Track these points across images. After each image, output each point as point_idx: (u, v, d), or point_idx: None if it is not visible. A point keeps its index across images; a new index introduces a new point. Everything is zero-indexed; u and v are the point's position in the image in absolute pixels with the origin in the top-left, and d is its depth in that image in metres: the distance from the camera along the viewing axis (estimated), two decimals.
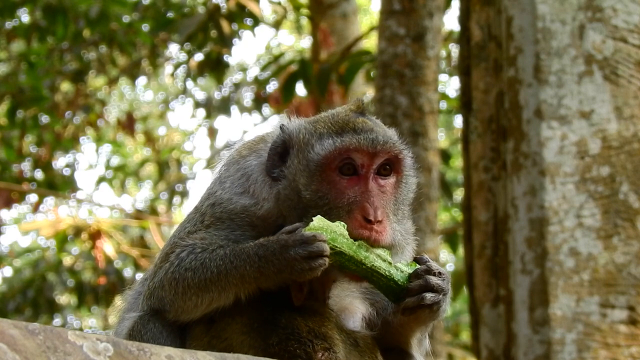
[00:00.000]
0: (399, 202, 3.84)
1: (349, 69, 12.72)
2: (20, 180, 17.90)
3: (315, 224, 3.62)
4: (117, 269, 17.62)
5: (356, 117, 3.86)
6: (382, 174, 3.80)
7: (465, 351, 14.24)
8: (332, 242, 3.60)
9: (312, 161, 3.78)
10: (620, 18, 6.88)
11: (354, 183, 3.76)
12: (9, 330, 2.95)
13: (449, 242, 15.24)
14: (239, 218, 3.85)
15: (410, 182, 3.90)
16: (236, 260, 3.66)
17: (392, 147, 3.80)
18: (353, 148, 3.75)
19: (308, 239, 3.58)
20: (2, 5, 15.63)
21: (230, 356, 3.41)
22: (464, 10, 7.64)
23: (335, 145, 3.76)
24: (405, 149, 3.87)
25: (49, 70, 16.85)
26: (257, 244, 3.66)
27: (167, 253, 3.87)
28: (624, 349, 6.55)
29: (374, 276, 3.66)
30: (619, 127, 6.79)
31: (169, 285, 3.77)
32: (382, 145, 3.77)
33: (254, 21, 15.43)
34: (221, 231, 3.84)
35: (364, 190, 3.74)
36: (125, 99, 29.64)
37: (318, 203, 3.75)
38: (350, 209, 3.71)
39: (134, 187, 27.09)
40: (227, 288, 3.68)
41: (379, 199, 3.74)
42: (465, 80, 7.54)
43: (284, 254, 3.60)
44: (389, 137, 3.82)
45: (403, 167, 3.85)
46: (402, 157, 3.83)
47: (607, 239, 6.67)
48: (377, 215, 3.69)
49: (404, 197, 3.87)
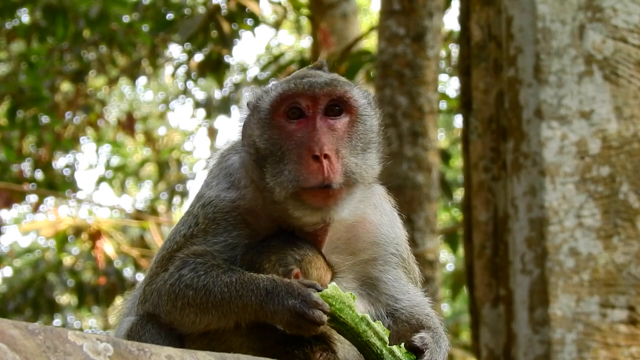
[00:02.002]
0: (355, 139, 3.87)
1: (349, 69, 12.71)
2: (20, 180, 17.89)
3: (328, 291, 3.67)
4: (117, 269, 17.62)
5: (308, 70, 4.00)
6: (332, 115, 3.87)
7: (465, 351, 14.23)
8: (338, 312, 3.65)
9: (262, 111, 3.89)
10: (620, 18, 6.88)
11: (301, 126, 3.84)
12: (9, 330, 2.95)
13: (449, 242, 15.24)
14: (231, 217, 3.88)
15: (369, 120, 3.95)
16: (242, 289, 3.67)
17: (335, 88, 3.87)
18: (293, 92, 3.85)
19: (311, 302, 3.60)
20: (2, 5, 15.63)
21: (230, 356, 3.42)
22: (464, 10, 7.64)
23: (278, 91, 3.87)
24: (355, 89, 3.94)
25: (49, 70, 16.85)
26: (269, 278, 3.68)
27: (165, 259, 3.87)
28: (624, 349, 6.55)
29: (365, 350, 3.70)
30: (619, 127, 6.79)
31: (167, 297, 3.78)
32: (321, 86, 3.85)
33: (254, 21, 15.43)
34: (219, 237, 3.86)
35: (310, 130, 3.81)
36: (125, 99, 29.64)
37: (272, 151, 3.83)
38: (300, 152, 3.78)
39: (134, 187, 27.09)
40: (228, 315, 3.69)
41: (327, 136, 3.79)
42: (465, 80, 7.54)
43: (285, 298, 3.62)
44: (332, 80, 3.90)
45: (354, 106, 3.90)
46: (350, 97, 3.89)
47: (607, 239, 6.67)
48: (322, 149, 3.74)
49: (362, 135, 3.90)
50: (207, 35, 14.95)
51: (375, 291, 3.98)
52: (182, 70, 17.40)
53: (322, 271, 3.85)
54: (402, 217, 4.20)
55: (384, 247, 4.01)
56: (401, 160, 9.77)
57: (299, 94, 3.86)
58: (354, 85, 3.97)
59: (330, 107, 3.87)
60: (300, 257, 3.82)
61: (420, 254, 9.49)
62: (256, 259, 3.81)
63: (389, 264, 4.00)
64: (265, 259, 3.80)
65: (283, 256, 3.81)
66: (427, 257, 9.60)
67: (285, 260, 3.80)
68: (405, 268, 4.06)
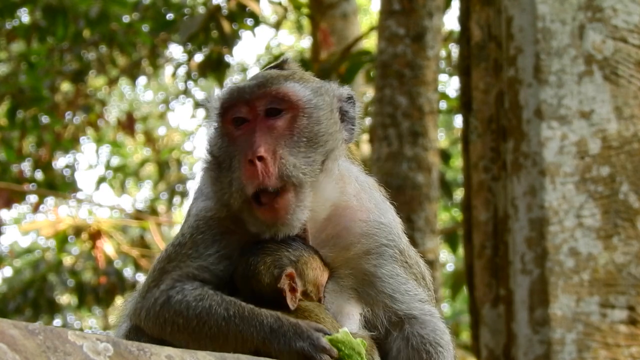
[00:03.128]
0: (298, 135, 3.77)
1: (349, 69, 12.71)
2: (20, 180, 17.89)
3: (339, 336, 3.62)
4: (118, 269, 17.62)
5: (264, 71, 3.93)
6: (273, 115, 3.78)
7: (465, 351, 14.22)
8: (347, 357, 3.59)
9: (214, 120, 3.86)
10: (620, 18, 6.88)
11: (244, 131, 3.77)
12: (9, 330, 2.95)
13: (449, 242, 15.23)
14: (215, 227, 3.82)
15: (315, 113, 3.82)
16: (242, 324, 3.58)
17: (268, 89, 3.79)
18: (230, 101, 3.81)
19: (320, 346, 3.54)
20: (2, 5, 15.62)
21: (230, 356, 3.41)
22: (464, 10, 7.64)
23: (219, 100, 3.83)
24: (294, 84, 3.83)
25: (49, 70, 16.84)
26: (273, 315, 3.60)
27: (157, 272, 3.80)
28: (624, 349, 6.55)
29: None
30: (619, 127, 6.79)
31: (155, 320, 3.70)
32: (252, 90, 3.78)
33: (254, 21, 15.42)
34: (211, 249, 3.79)
35: (250, 135, 3.74)
36: (125, 99, 29.65)
37: (224, 159, 3.78)
38: (240, 159, 3.72)
39: (134, 187, 27.09)
40: (224, 346, 3.59)
41: (263, 139, 3.71)
42: (465, 80, 7.54)
43: (293, 340, 3.55)
44: (267, 80, 3.81)
45: (293, 101, 3.80)
46: (286, 94, 3.79)
47: (607, 239, 6.67)
48: (255, 153, 3.66)
49: (305, 129, 3.79)
50: (208, 35, 14.95)
51: (373, 289, 3.87)
52: (183, 71, 17.41)
53: (319, 271, 3.83)
54: (401, 216, 4.13)
55: (374, 238, 3.89)
56: (401, 160, 9.77)
57: (235, 102, 3.80)
58: (295, 80, 3.85)
59: (270, 108, 3.79)
60: (295, 258, 3.78)
61: (420, 254, 9.48)
62: (251, 261, 3.77)
63: (383, 257, 3.89)
64: (261, 261, 3.77)
65: (278, 257, 3.77)
66: (427, 257, 9.58)
67: (281, 261, 3.77)
68: (405, 262, 3.94)
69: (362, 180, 4.00)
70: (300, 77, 3.89)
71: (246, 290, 3.79)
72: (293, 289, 3.75)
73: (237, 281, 3.81)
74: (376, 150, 10.01)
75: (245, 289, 3.79)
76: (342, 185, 3.91)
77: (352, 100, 3.97)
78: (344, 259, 3.88)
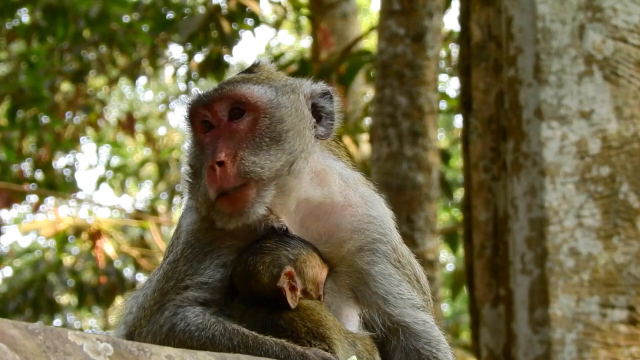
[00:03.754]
0: (260, 135, 3.78)
1: (349, 69, 12.71)
2: (20, 180, 17.90)
3: None
4: (118, 269, 17.62)
5: (235, 75, 3.96)
6: (236, 118, 3.82)
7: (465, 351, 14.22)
8: None
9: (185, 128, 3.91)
10: (620, 18, 6.88)
11: (212, 137, 3.81)
12: (9, 330, 2.95)
13: (449, 242, 15.23)
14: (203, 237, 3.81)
15: (277, 112, 3.83)
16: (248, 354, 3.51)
17: (226, 92, 3.82)
18: (194, 109, 3.85)
19: None
20: (2, 5, 15.62)
21: (230, 356, 3.41)
22: (464, 10, 7.64)
23: (185, 109, 3.88)
24: (254, 86, 3.85)
25: (49, 70, 16.84)
26: (279, 344, 3.56)
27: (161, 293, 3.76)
28: (624, 349, 6.55)
29: None
30: (619, 127, 6.79)
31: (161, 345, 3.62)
32: (212, 95, 3.82)
33: (254, 21, 15.42)
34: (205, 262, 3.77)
35: (215, 140, 3.78)
36: (125, 99, 29.65)
37: (197, 167, 3.81)
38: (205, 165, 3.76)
39: (134, 187, 27.09)
40: None
41: (223, 143, 3.75)
42: (465, 80, 7.54)
43: None
44: (226, 84, 3.85)
45: (253, 103, 3.82)
46: (245, 95, 3.82)
47: (607, 239, 6.67)
48: (214, 158, 3.70)
49: (267, 129, 3.80)
50: (208, 35, 14.95)
51: (368, 289, 3.84)
52: (183, 71, 17.41)
53: (318, 269, 3.83)
54: (401, 216, 4.11)
55: (365, 233, 3.86)
56: (401, 160, 9.77)
57: (197, 107, 3.85)
58: (255, 82, 3.87)
59: (232, 111, 3.82)
60: (294, 257, 3.78)
61: (420, 254, 9.49)
62: (250, 261, 3.77)
63: (376, 254, 3.85)
64: (259, 260, 3.77)
65: (277, 257, 3.77)
66: (427, 257, 9.59)
67: (280, 260, 3.76)
68: (397, 262, 3.89)
69: (347, 176, 3.96)
70: (263, 79, 3.90)
71: (245, 290, 3.79)
72: (293, 287, 3.75)
73: (236, 282, 3.81)
74: (376, 150, 10.01)
75: (244, 290, 3.79)
76: (322, 181, 3.89)
77: (329, 95, 3.98)
78: (339, 256, 3.86)
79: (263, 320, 3.73)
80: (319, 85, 4.01)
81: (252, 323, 3.72)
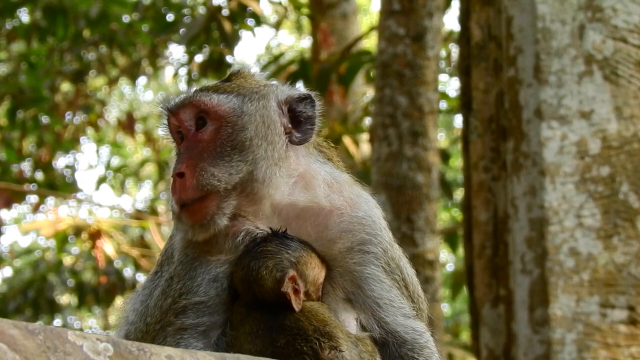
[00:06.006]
0: (222, 145, 3.78)
1: (349, 69, 12.72)
2: (20, 180, 17.90)
3: None
4: (118, 269, 17.63)
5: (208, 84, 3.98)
6: (201, 127, 3.83)
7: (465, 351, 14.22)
8: None
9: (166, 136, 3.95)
10: (620, 18, 6.88)
11: (183, 147, 3.85)
12: (9, 330, 2.95)
13: (449, 242, 15.24)
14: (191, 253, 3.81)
15: (239, 121, 3.82)
16: None
17: (188, 101, 3.84)
18: (166, 119, 3.89)
19: None
20: (2, 5, 15.63)
21: (230, 356, 3.41)
22: (464, 10, 7.64)
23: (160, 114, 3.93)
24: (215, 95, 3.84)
25: (49, 70, 16.85)
26: None
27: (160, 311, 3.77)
28: (624, 349, 6.55)
29: None
30: (619, 127, 6.79)
31: None
32: (176, 106, 3.85)
33: (255, 21, 15.43)
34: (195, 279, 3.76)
35: (183, 150, 3.82)
36: (125, 99, 29.65)
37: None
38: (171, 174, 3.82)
39: (134, 187, 27.09)
40: None
41: (189, 153, 3.77)
42: (465, 80, 7.54)
43: None
44: (189, 94, 3.87)
45: (215, 112, 3.82)
46: (206, 105, 3.82)
47: (607, 239, 6.67)
48: (176, 169, 3.74)
49: (229, 139, 3.79)
50: (209, 36, 14.95)
51: (361, 293, 3.82)
52: (184, 71, 17.41)
53: (317, 270, 3.82)
54: (401, 216, 4.11)
55: (353, 233, 3.83)
56: (401, 160, 9.77)
57: (169, 118, 3.89)
58: (219, 91, 3.87)
59: (197, 121, 3.84)
60: (295, 260, 3.77)
61: (420, 254, 9.49)
62: (252, 266, 3.76)
63: (366, 255, 3.82)
64: (262, 265, 3.75)
65: (279, 260, 3.76)
66: (427, 257, 9.60)
67: (282, 264, 3.75)
68: (387, 265, 3.84)
69: (333, 179, 3.91)
70: (232, 87, 3.89)
71: (248, 295, 3.78)
72: (296, 290, 3.75)
73: (237, 286, 3.80)
74: (376, 150, 10.01)
75: (247, 294, 3.78)
76: (308, 185, 3.87)
77: (308, 99, 3.94)
78: (331, 255, 3.83)
79: (268, 322, 3.73)
80: (297, 89, 3.98)
81: (256, 326, 3.73)
